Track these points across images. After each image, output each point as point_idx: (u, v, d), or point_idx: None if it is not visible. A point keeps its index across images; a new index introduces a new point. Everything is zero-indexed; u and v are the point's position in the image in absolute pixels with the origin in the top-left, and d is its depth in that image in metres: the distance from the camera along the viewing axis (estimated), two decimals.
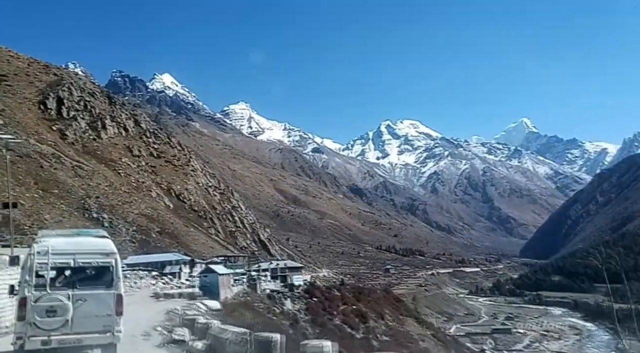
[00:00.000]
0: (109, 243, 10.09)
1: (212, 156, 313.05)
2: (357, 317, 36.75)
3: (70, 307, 9.14)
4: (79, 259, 9.52)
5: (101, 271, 9.71)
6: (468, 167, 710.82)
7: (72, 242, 9.89)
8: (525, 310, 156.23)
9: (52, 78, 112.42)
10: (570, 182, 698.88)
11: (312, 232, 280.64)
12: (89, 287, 9.52)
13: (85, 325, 9.29)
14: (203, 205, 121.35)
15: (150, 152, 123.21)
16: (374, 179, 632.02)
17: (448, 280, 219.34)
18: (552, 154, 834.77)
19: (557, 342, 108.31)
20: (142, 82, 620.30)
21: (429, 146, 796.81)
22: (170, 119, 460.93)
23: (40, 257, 9.24)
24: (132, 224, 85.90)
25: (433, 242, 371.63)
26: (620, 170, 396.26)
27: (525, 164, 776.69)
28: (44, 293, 9.07)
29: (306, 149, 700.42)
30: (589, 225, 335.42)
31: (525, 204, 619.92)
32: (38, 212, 71.44)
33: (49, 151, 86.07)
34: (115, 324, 9.56)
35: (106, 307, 9.53)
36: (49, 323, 9.03)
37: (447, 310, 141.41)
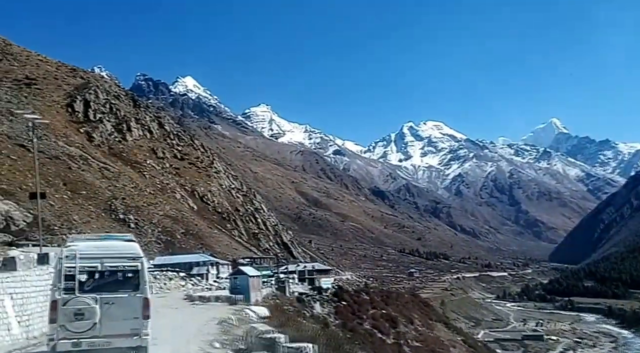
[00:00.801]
0: (135, 247, 10.38)
1: (233, 158, 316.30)
2: (387, 321, 36.98)
3: (97, 311, 9.39)
4: (106, 263, 9.82)
5: (128, 275, 10.02)
6: (494, 169, 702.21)
7: (100, 246, 10.25)
8: (557, 316, 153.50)
9: (79, 81, 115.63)
10: (603, 184, 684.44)
11: (333, 234, 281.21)
12: (116, 290, 9.79)
13: (113, 328, 9.53)
14: (226, 206, 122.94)
15: (174, 154, 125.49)
16: (396, 181, 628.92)
17: (474, 285, 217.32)
18: (584, 155, 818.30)
19: (591, 349, 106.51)
20: (165, 85, 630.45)
21: (453, 148, 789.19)
22: (193, 121, 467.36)
23: (68, 261, 9.58)
24: (157, 225, 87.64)
25: (458, 245, 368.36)
26: None
27: (555, 165, 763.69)
28: (72, 296, 9.35)
29: (327, 151, 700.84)
30: (623, 230, 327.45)
31: (555, 207, 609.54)
32: (67, 212, 73.49)
33: (77, 153, 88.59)
34: (142, 327, 9.77)
35: (133, 310, 9.75)
36: (78, 326, 9.32)
37: (475, 315, 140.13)
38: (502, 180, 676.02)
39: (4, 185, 65.27)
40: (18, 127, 77.92)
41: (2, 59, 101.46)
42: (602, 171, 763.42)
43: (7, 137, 77.16)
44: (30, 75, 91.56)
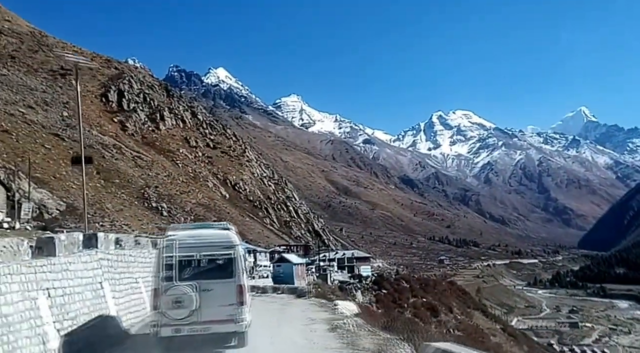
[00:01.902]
0: (230, 236, 10.42)
1: (264, 148, 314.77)
2: (427, 310, 33.75)
3: (195, 298, 9.53)
4: (202, 252, 10.01)
5: (224, 263, 10.08)
6: (523, 158, 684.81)
7: (197, 236, 10.32)
8: (589, 303, 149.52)
9: (113, 72, 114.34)
10: (632, 172, 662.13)
11: (363, 222, 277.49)
12: (213, 278, 9.89)
13: (210, 315, 9.69)
14: (258, 195, 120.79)
15: (207, 143, 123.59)
16: (425, 170, 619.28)
17: (504, 272, 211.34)
18: (612, 143, 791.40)
19: (627, 336, 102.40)
20: (197, 76, 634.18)
21: (482, 136, 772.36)
22: (224, 111, 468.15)
23: (167, 250, 9.76)
24: (190, 213, 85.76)
25: (487, 233, 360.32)
26: None
27: (584, 153, 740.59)
28: (171, 285, 9.53)
29: (357, 140, 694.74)
30: None
31: (584, 195, 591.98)
32: (100, 201, 71.87)
33: (111, 142, 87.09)
34: (238, 313, 9.87)
35: (229, 297, 9.86)
36: (177, 314, 9.48)
37: (507, 302, 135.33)
38: (531, 168, 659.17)
39: (38, 173, 63.74)
40: (52, 117, 76.59)
41: (37, 50, 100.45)
42: (630, 159, 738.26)
43: (42, 126, 75.80)
44: (65, 66, 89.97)
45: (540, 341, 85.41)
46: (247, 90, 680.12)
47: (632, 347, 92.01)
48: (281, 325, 13.98)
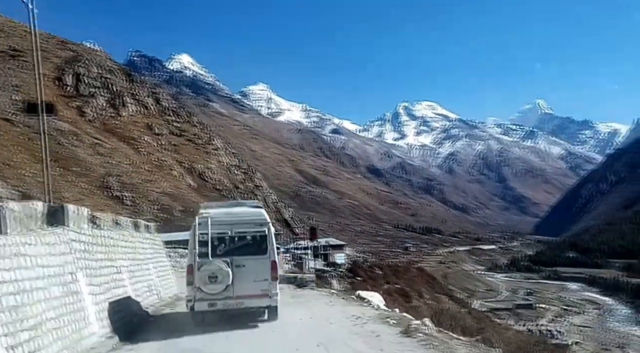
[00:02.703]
0: (263, 213, 10.48)
1: (231, 136, 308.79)
2: (400, 296, 32.37)
3: (230, 273, 9.62)
4: (236, 229, 10.00)
5: (257, 239, 10.10)
6: (484, 148, 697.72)
7: (230, 213, 10.39)
8: (543, 285, 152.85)
9: (69, 54, 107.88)
10: (582, 162, 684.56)
11: (331, 211, 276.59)
12: (246, 254, 9.94)
13: (245, 290, 9.79)
14: (226, 184, 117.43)
15: (171, 131, 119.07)
16: (391, 160, 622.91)
17: (466, 258, 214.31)
18: (566, 134, 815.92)
19: (579, 316, 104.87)
20: (160, 62, 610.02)
21: (446, 127, 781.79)
22: (189, 99, 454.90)
23: (202, 227, 9.77)
24: (154, 203, 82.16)
25: (450, 220, 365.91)
26: (632, 149, 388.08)
27: (540, 144, 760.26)
28: (206, 260, 9.60)
29: (325, 130, 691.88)
30: (601, 204, 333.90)
31: (539, 184, 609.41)
32: (58, 190, 67.41)
33: (67, 128, 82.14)
34: (272, 288, 10.01)
35: (263, 272, 9.93)
36: (212, 288, 9.60)
37: (469, 287, 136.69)
38: (491, 158, 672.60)
39: None
40: (3, 101, 71.20)
41: None
42: (581, 149, 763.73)
43: None
44: (16, 47, 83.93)
45: (501, 322, 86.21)
46: (213, 78, 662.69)
47: (583, 325, 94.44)
48: (322, 325, 10.81)
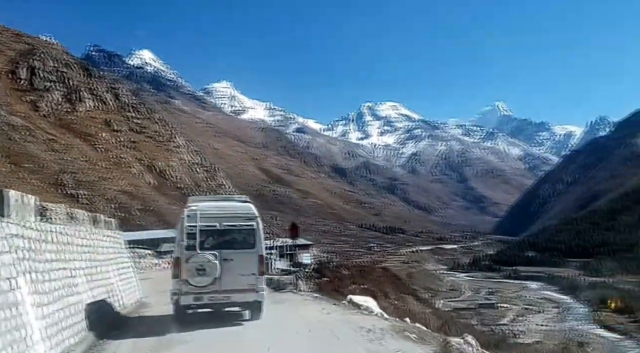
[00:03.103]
0: (251, 208, 10.39)
1: (193, 134, 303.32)
2: (367, 297, 31.98)
3: (218, 267, 9.53)
4: (224, 222, 9.89)
5: (245, 233, 10.02)
6: (446, 148, 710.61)
7: (219, 207, 10.35)
8: (504, 284, 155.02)
9: (24, 47, 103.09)
10: (539, 163, 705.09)
11: (295, 211, 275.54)
12: (234, 248, 9.88)
13: (232, 284, 9.69)
14: (187, 182, 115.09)
15: (131, 127, 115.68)
16: (355, 159, 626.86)
17: (429, 257, 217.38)
18: (524, 136, 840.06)
19: (539, 315, 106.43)
20: (119, 57, 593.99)
21: (409, 128, 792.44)
22: (150, 95, 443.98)
23: (190, 220, 9.64)
24: (111, 201, 79.58)
25: (413, 220, 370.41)
26: (586, 151, 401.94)
27: (499, 145, 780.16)
28: (194, 253, 9.48)
29: (289, 128, 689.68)
30: (557, 204, 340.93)
31: (498, 184, 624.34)
32: (8, 186, 64.16)
33: (20, 123, 78.39)
34: (258, 283, 9.93)
35: (250, 266, 9.86)
36: (199, 281, 9.48)
37: (432, 286, 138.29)
38: (452, 159, 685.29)
39: None
40: None
41: None
42: (538, 151, 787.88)
43: None
44: None
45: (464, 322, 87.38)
46: (175, 74, 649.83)
47: (543, 324, 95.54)
48: (330, 341, 8.82)
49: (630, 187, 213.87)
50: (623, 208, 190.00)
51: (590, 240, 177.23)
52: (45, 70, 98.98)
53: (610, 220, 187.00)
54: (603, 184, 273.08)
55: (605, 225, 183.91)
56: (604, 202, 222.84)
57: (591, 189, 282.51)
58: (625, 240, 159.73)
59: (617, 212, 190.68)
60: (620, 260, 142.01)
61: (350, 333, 9.45)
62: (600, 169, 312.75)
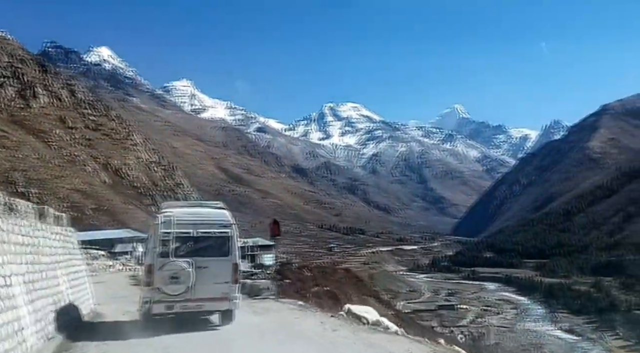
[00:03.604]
0: (227, 215, 10.28)
1: (151, 132, 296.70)
2: (329, 299, 31.91)
3: (191, 274, 9.31)
4: (199, 229, 9.69)
5: (220, 241, 9.87)
6: (406, 150, 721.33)
7: (194, 213, 10.09)
8: (463, 285, 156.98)
9: None
10: (497, 165, 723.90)
11: (255, 211, 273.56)
12: (209, 255, 9.67)
13: (205, 292, 9.49)
14: (144, 181, 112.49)
15: (87, 125, 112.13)
16: (316, 160, 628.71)
17: (389, 258, 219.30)
18: (481, 138, 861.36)
19: (497, 316, 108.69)
20: (77, 54, 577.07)
21: (370, 129, 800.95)
22: (108, 93, 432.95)
23: (165, 226, 9.41)
24: (64, 200, 76.84)
25: (373, 221, 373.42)
26: (541, 154, 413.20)
27: (458, 147, 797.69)
28: (168, 260, 9.28)
29: (250, 128, 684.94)
30: (514, 205, 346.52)
31: (457, 185, 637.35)
32: None
33: None
34: (232, 291, 9.75)
35: (224, 275, 9.72)
36: (173, 289, 9.23)
37: (392, 288, 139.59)
38: (412, 160, 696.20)
39: None
40: None
41: None
42: (495, 153, 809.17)
43: None
44: None
45: (424, 324, 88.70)
46: (134, 72, 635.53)
47: (502, 326, 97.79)
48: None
49: (583, 190, 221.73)
50: (577, 210, 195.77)
51: (546, 242, 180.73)
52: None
53: (565, 221, 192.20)
54: (558, 186, 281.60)
55: (560, 226, 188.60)
56: (558, 204, 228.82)
57: (546, 191, 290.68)
58: (580, 241, 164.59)
59: (571, 214, 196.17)
60: (575, 261, 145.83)
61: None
62: (555, 171, 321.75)
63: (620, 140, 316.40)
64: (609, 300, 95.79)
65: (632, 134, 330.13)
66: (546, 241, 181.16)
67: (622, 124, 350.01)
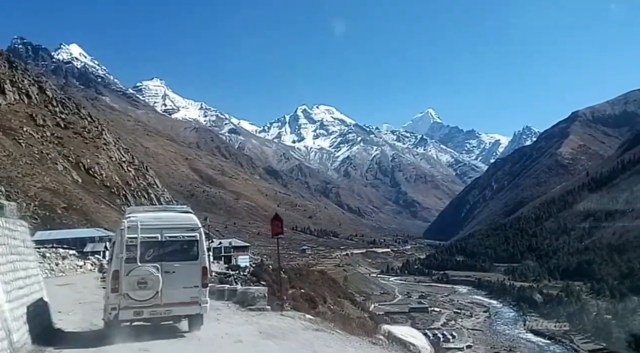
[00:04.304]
0: (193, 218, 10.19)
1: (123, 132, 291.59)
2: (306, 301, 32.04)
3: (160, 279, 9.26)
4: (166, 234, 9.63)
5: (187, 245, 9.79)
6: (379, 153, 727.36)
7: (160, 217, 10.00)
8: (435, 288, 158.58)
9: None
10: (468, 169, 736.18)
11: (227, 212, 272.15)
12: (176, 260, 9.60)
13: (174, 297, 9.43)
14: (116, 180, 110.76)
15: (57, 122, 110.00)
16: (289, 162, 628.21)
17: (361, 260, 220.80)
18: (453, 143, 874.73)
19: (469, 319, 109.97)
20: (46, 51, 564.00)
21: (343, 132, 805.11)
22: (78, 91, 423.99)
23: (130, 231, 9.34)
24: (33, 199, 75.24)
25: (345, 223, 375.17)
26: (512, 159, 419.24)
27: (430, 151, 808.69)
28: (135, 266, 9.21)
29: (223, 129, 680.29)
30: (485, 210, 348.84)
31: (429, 189, 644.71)
32: None
33: None
34: (202, 295, 9.69)
35: (193, 279, 9.65)
36: (141, 295, 9.18)
37: (365, 290, 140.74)
38: (385, 164, 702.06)
39: None
40: None
41: None
42: (467, 158, 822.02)
43: None
44: None
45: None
46: (105, 71, 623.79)
47: (474, 328, 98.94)
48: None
49: (553, 195, 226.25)
50: (547, 215, 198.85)
51: (517, 246, 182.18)
52: None
53: (536, 226, 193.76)
54: (528, 191, 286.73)
55: (531, 231, 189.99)
56: (529, 208, 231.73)
57: (517, 196, 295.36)
58: (550, 245, 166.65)
59: (541, 219, 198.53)
60: (545, 265, 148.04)
61: None
62: (525, 176, 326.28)
63: (590, 147, 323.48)
64: (579, 304, 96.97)
65: (601, 140, 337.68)
66: (517, 245, 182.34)
67: (592, 130, 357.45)
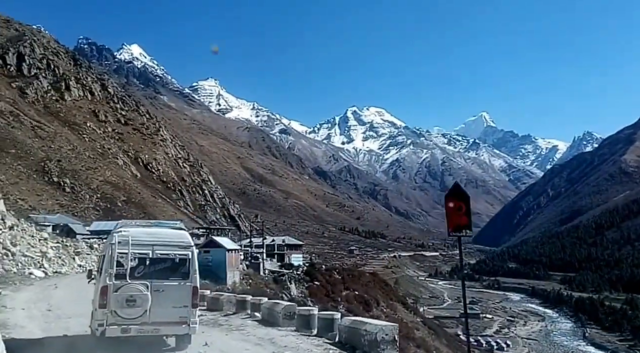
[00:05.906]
0: (186, 236, 9.83)
1: (179, 130, 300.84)
2: (360, 304, 31.21)
3: (149, 298, 8.97)
4: (157, 250, 9.33)
5: (178, 263, 9.45)
6: (428, 157, 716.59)
7: (151, 233, 9.61)
8: (486, 294, 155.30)
9: (12, 33, 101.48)
10: (522, 175, 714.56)
11: (277, 211, 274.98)
12: (167, 278, 9.30)
13: (162, 316, 9.13)
14: (172, 176, 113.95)
15: (118, 119, 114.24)
16: (338, 163, 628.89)
17: (409, 263, 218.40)
18: (507, 148, 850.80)
19: (524, 327, 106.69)
20: (109, 51, 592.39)
21: (393, 134, 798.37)
22: (138, 90, 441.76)
23: (121, 247, 9.05)
24: (96, 191, 78.44)
25: (393, 226, 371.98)
26: (570, 166, 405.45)
27: (482, 156, 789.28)
28: (124, 283, 8.92)
29: (273, 129, 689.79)
30: (540, 217, 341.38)
31: (480, 194, 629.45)
32: None
33: (7, 108, 76.89)
34: (191, 315, 9.34)
35: (183, 298, 9.31)
36: (129, 313, 8.88)
37: (413, 293, 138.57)
38: (435, 167, 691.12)
39: None
40: None
41: None
42: (522, 163, 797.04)
43: None
44: None
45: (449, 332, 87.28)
46: (163, 70, 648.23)
47: (529, 338, 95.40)
48: None
49: (615, 203, 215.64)
50: (609, 225, 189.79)
51: (574, 255, 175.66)
52: (34, 57, 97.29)
53: (596, 235, 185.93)
54: (587, 199, 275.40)
55: (590, 240, 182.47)
56: (588, 217, 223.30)
57: (575, 204, 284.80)
58: (611, 256, 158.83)
59: (602, 228, 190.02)
60: (606, 276, 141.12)
61: None
62: (584, 184, 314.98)
63: None
64: None
65: None
66: (574, 254, 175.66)
67: None
